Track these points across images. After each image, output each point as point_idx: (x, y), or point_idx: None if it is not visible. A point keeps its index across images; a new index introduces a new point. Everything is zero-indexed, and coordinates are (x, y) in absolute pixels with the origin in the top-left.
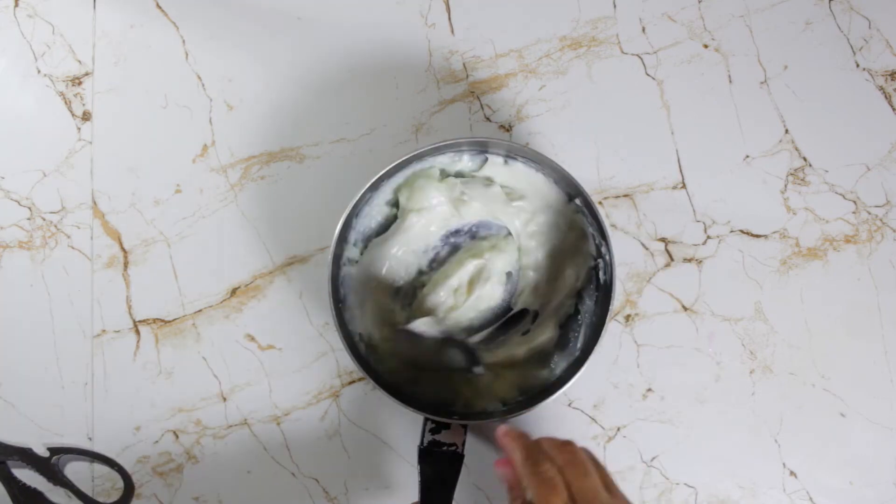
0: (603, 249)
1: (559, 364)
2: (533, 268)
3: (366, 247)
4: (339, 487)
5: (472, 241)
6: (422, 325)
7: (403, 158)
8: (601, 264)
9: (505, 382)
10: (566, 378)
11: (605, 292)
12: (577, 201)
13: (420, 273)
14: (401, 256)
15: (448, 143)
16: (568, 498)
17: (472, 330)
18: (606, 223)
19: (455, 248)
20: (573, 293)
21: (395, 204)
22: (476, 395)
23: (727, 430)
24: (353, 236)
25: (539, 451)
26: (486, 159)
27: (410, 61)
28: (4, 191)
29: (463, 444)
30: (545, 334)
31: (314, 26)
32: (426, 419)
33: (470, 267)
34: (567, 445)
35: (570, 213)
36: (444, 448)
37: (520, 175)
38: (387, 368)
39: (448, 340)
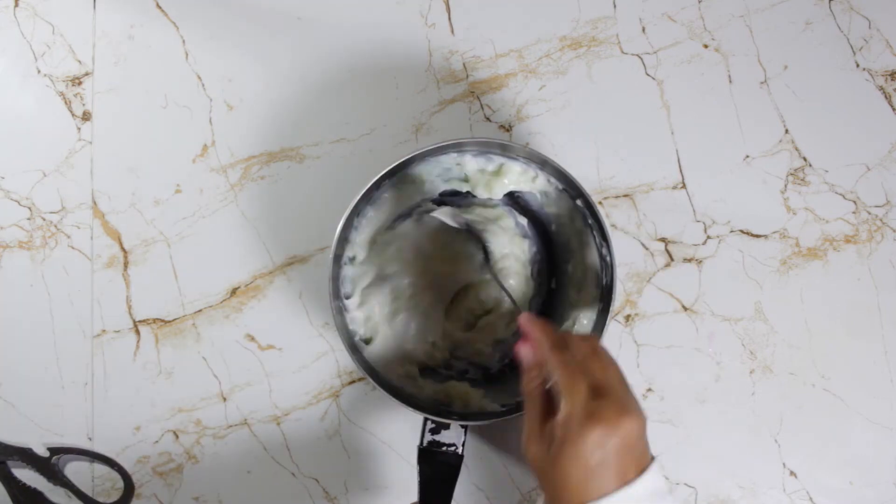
0: (604, 251)
1: None
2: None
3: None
4: (339, 487)
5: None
6: (443, 214)
7: (405, 158)
8: (602, 266)
9: None
10: None
11: (605, 294)
12: (579, 202)
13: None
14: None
15: (449, 143)
16: (590, 384)
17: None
18: (607, 224)
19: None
20: None
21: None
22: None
23: (727, 430)
24: (356, 236)
25: (564, 340)
26: (489, 160)
27: (410, 61)
28: (4, 191)
29: (463, 445)
30: None
31: (314, 26)
32: (426, 419)
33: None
34: (589, 339)
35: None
36: (444, 448)
37: None
38: (386, 367)
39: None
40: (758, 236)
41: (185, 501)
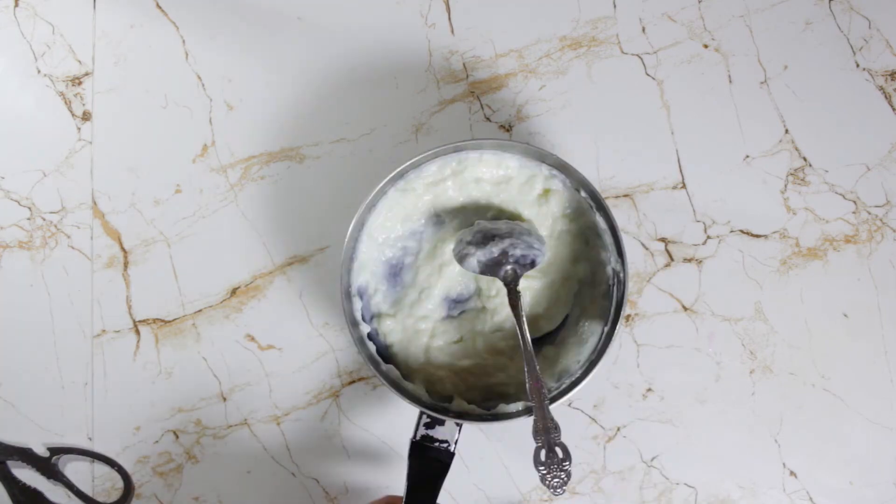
0: (617, 267)
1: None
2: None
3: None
4: (339, 487)
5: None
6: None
7: (424, 154)
8: (613, 279)
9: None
10: (572, 385)
11: (616, 305)
12: (599, 219)
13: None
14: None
15: (466, 141)
16: None
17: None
18: (624, 241)
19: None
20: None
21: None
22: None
23: (727, 430)
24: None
25: None
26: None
27: (410, 61)
28: (4, 191)
29: (455, 443)
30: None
31: (314, 26)
32: (421, 412)
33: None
34: None
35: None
36: (436, 444)
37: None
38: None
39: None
40: (758, 236)
41: (185, 501)
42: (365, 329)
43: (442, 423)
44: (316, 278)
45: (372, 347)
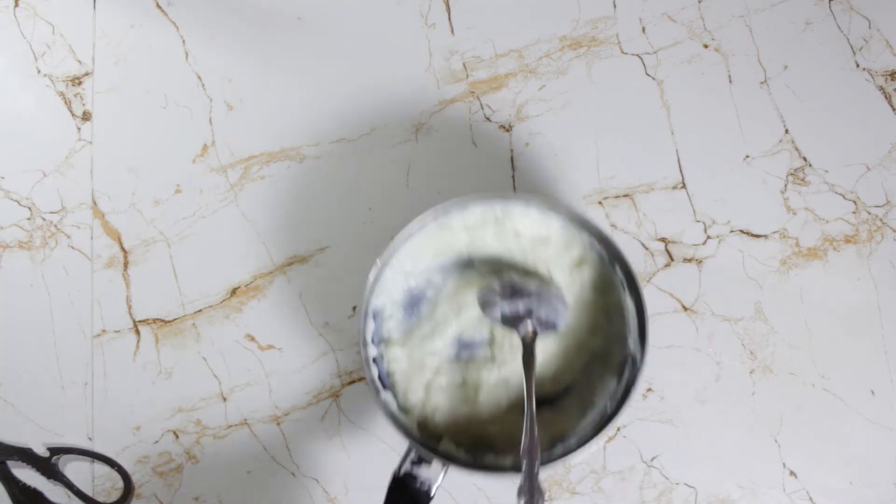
0: (636, 352)
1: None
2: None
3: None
4: (339, 487)
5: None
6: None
7: (471, 196)
8: (629, 363)
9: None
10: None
11: (625, 389)
12: (628, 299)
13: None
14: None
15: (516, 193)
16: None
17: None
18: (649, 328)
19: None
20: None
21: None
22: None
23: (727, 430)
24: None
25: None
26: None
27: (410, 61)
28: (4, 191)
29: (437, 488)
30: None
31: (314, 26)
32: (410, 448)
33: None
34: None
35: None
36: (418, 485)
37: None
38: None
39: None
40: (758, 236)
41: (185, 501)
42: (371, 352)
43: (429, 462)
44: (316, 278)
45: (375, 371)
